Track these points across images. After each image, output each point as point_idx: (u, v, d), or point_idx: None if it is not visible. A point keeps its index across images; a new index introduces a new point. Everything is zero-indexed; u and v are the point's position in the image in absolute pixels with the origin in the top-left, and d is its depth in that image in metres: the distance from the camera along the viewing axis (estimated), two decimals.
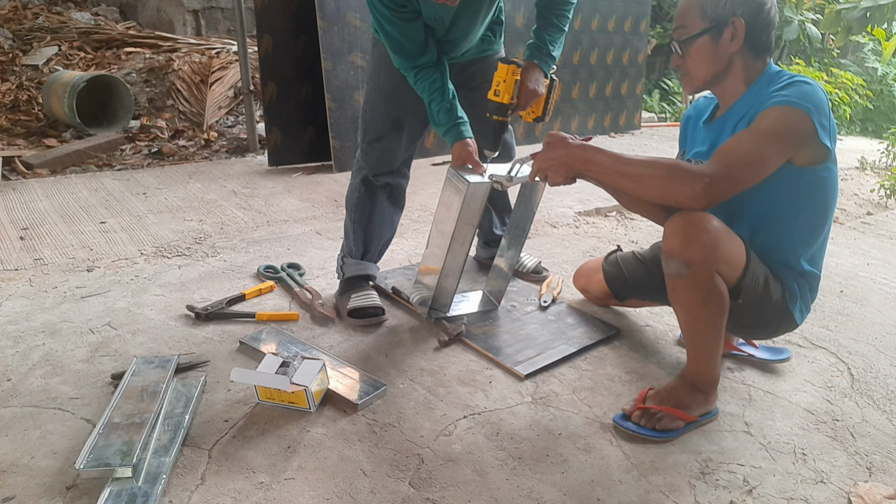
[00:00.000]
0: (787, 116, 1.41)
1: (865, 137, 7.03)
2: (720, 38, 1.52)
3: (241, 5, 4.03)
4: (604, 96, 5.30)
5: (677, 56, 1.58)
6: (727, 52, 1.53)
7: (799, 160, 1.47)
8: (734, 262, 1.49)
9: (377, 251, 2.14)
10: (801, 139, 1.42)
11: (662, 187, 1.41)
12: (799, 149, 1.44)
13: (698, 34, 1.53)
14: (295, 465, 1.38)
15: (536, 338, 1.94)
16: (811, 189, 1.53)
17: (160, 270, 2.35)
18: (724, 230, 1.47)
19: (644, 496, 1.35)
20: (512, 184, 1.76)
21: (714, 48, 1.53)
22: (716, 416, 1.61)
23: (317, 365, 1.57)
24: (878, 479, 1.43)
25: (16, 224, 2.76)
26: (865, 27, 5.18)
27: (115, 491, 1.25)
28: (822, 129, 1.42)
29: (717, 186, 1.37)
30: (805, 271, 1.61)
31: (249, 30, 4.52)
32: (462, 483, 1.35)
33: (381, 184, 2.07)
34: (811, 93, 1.43)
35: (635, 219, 3.27)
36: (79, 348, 1.80)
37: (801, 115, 1.40)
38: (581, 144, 1.48)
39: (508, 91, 1.82)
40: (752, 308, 1.56)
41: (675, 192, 1.40)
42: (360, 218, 2.09)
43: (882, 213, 3.81)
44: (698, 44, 1.54)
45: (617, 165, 1.45)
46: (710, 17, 1.51)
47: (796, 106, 1.40)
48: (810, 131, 1.41)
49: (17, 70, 5.03)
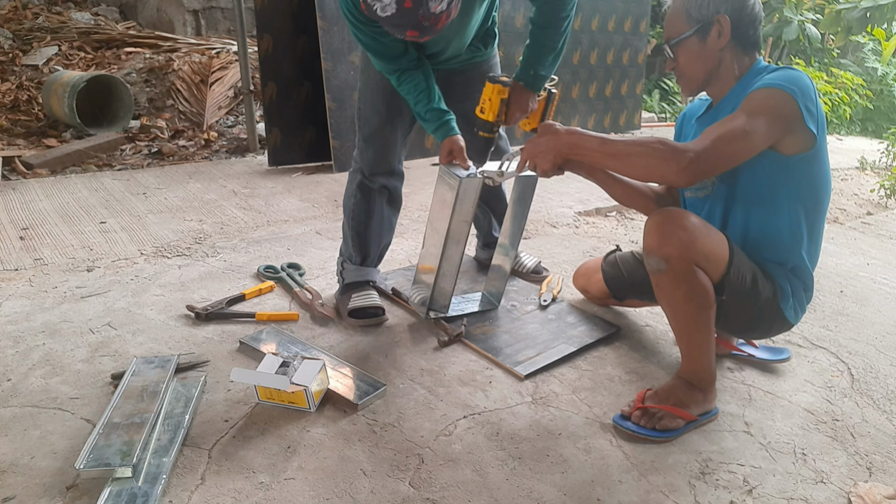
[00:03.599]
0: (772, 97, 1.42)
1: (865, 137, 7.03)
2: (707, 36, 1.55)
3: (241, 5, 4.03)
4: (604, 96, 5.30)
5: (671, 60, 1.63)
6: (715, 50, 1.56)
7: (786, 147, 1.48)
8: (715, 257, 1.49)
9: (377, 255, 2.13)
10: (786, 121, 1.43)
11: (647, 164, 1.43)
12: (786, 133, 1.45)
13: (686, 36, 1.57)
14: (295, 465, 1.38)
15: (536, 338, 1.94)
16: (799, 179, 1.53)
17: (160, 270, 2.35)
18: (703, 226, 1.48)
19: (644, 496, 1.35)
20: (503, 179, 1.78)
21: (702, 47, 1.57)
22: (715, 416, 1.60)
23: (317, 365, 1.57)
24: (878, 479, 1.43)
25: (16, 224, 2.76)
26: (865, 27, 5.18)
27: (115, 491, 1.25)
28: (808, 113, 1.43)
29: (701, 161, 1.38)
30: (798, 267, 1.61)
31: (249, 30, 4.52)
32: (462, 483, 1.35)
33: (378, 187, 2.05)
34: (797, 77, 1.44)
35: (635, 219, 3.27)
36: (79, 348, 1.80)
37: (787, 96, 1.41)
38: (568, 130, 1.51)
39: (494, 110, 1.83)
40: (739, 306, 1.56)
41: (659, 168, 1.41)
42: (358, 225, 2.07)
43: (882, 213, 3.81)
44: (687, 45, 1.58)
45: (602, 146, 1.47)
46: (696, 19, 1.55)
47: (782, 88, 1.42)
48: (796, 114, 1.42)
49: (17, 70, 5.03)
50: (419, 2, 1.43)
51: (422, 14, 1.45)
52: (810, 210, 1.57)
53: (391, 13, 1.45)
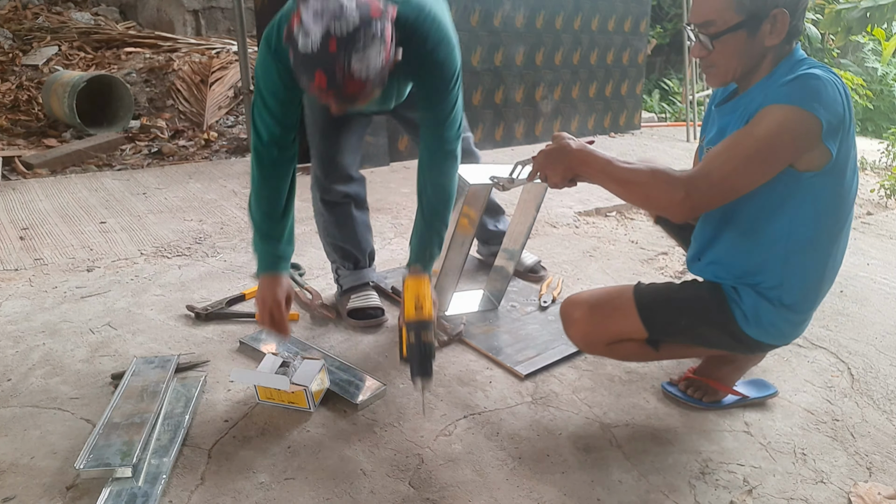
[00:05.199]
0: (786, 118, 1.24)
1: (865, 137, 7.03)
2: (758, 32, 1.31)
3: (241, 5, 4.02)
4: (604, 96, 5.30)
5: (702, 48, 1.37)
6: (763, 47, 1.34)
7: (799, 164, 1.30)
8: (627, 332, 1.52)
9: (366, 257, 2.11)
10: (801, 143, 1.26)
11: (645, 194, 1.34)
12: (802, 153, 1.28)
13: (733, 28, 1.31)
14: (295, 465, 1.38)
15: (536, 338, 1.94)
16: (804, 197, 1.34)
17: (160, 270, 2.35)
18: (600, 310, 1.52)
19: (644, 496, 1.35)
20: (514, 185, 1.75)
21: (750, 43, 1.33)
22: (774, 395, 1.70)
23: (317, 365, 1.57)
24: (878, 479, 1.43)
25: (16, 224, 2.76)
26: (865, 27, 5.17)
27: (115, 491, 1.25)
28: (830, 129, 1.24)
29: (697, 196, 1.27)
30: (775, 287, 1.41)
31: (249, 30, 4.52)
32: (462, 483, 1.35)
33: (340, 198, 1.99)
34: (818, 88, 1.24)
35: (635, 219, 3.27)
36: (79, 348, 1.80)
37: (805, 115, 1.22)
38: (580, 146, 1.43)
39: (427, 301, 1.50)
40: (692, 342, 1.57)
41: (656, 201, 1.34)
42: (335, 240, 2.05)
43: (882, 213, 3.81)
44: (732, 39, 1.32)
45: (607, 168, 1.37)
46: (748, 10, 1.30)
47: (801, 107, 1.23)
48: (814, 133, 1.23)
49: (17, 70, 5.03)
50: (345, 50, 1.25)
51: (339, 63, 1.27)
52: (800, 230, 1.37)
53: (311, 49, 1.26)
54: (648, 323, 1.49)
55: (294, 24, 1.28)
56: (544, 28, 4.63)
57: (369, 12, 1.28)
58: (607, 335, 1.53)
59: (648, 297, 1.50)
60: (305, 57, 1.27)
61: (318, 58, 1.26)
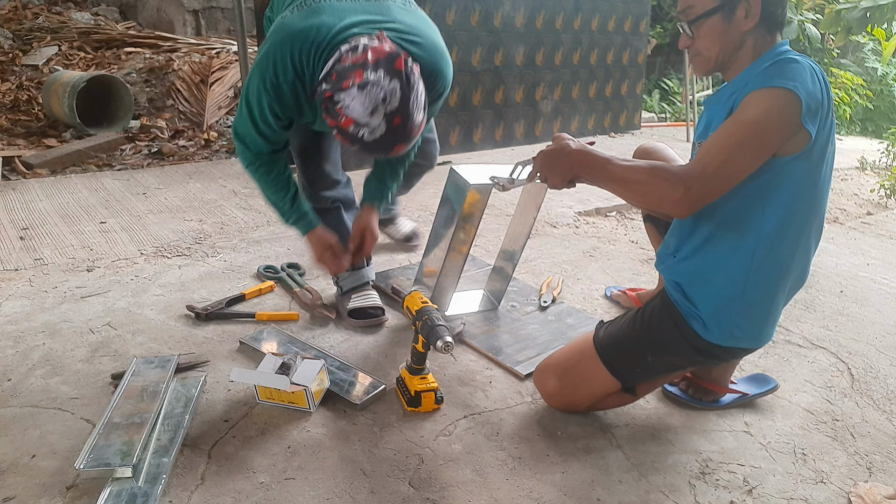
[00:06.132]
0: (769, 100, 1.27)
1: (865, 137, 7.04)
2: (733, 15, 1.38)
3: (241, 5, 4.02)
4: (604, 96, 5.30)
5: (686, 38, 1.46)
6: (740, 31, 1.39)
7: (781, 150, 1.32)
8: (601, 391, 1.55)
9: (362, 257, 2.11)
10: (788, 123, 1.28)
11: (645, 193, 1.34)
12: (791, 133, 1.29)
13: (709, 13, 1.39)
14: (295, 465, 1.38)
15: (536, 338, 1.94)
16: (765, 183, 1.35)
17: (160, 270, 2.35)
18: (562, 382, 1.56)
19: (644, 496, 1.35)
20: (514, 185, 1.75)
21: (726, 27, 1.39)
22: (774, 389, 1.71)
23: (317, 365, 1.57)
24: (878, 479, 1.44)
25: (16, 224, 2.76)
26: (865, 27, 5.17)
27: (115, 491, 1.25)
28: (808, 111, 1.27)
29: (697, 190, 1.28)
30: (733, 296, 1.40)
31: (249, 30, 4.51)
32: (462, 483, 1.35)
33: (329, 205, 2.02)
34: (796, 70, 1.29)
35: (635, 218, 3.27)
36: (79, 348, 1.80)
37: (787, 95, 1.26)
38: (580, 147, 1.42)
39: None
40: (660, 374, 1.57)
41: (657, 199, 1.34)
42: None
43: (882, 213, 3.81)
44: (709, 23, 1.40)
45: (607, 168, 1.37)
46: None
47: (780, 86, 1.27)
48: (796, 111, 1.26)
49: (17, 70, 5.03)
50: (406, 116, 1.40)
51: (409, 127, 1.41)
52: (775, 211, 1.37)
53: (380, 134, 1.40)
54: (618, 375, 1.51)
55: (349, 127, 1.41)
56: (544, 28, 4.63)
57: (393, 67, 1.38)
58: (584, 400, 1.58)
59: (610, 347, 1.52)
60: (382, 141, 1.42)
61: (393, 136, 1.42)
